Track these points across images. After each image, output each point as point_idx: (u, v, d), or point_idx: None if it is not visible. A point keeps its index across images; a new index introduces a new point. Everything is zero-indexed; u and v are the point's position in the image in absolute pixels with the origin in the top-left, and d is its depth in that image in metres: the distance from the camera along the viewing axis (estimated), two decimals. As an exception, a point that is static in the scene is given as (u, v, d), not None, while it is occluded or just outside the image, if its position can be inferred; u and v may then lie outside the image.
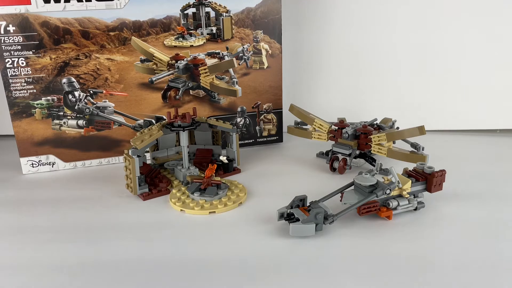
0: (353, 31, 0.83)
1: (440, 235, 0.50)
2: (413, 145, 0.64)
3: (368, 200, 0.51)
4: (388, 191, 0.50)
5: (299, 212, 0.49)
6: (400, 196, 0.52)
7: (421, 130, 0.61)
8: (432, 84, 0.84)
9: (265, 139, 0.79)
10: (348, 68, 0.86)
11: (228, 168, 0.67)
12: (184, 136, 0.62)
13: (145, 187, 0.60)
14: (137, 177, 0.58)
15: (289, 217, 0.50)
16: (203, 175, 0.59)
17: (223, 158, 0.66)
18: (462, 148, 0.77)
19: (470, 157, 0.73)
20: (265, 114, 0.78)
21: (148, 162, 0.67)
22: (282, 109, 0.78)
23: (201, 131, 0.68)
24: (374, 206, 0.51)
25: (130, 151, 0.57)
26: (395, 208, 0.52)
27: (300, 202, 0.51)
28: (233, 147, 0.68)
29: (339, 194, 0.54)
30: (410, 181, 0.52)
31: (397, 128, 0.74)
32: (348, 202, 0.52)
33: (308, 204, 0.51)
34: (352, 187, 0.54)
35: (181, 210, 0.56)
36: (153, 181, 0.62)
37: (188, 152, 0.65)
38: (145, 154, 0.64)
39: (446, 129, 0.85)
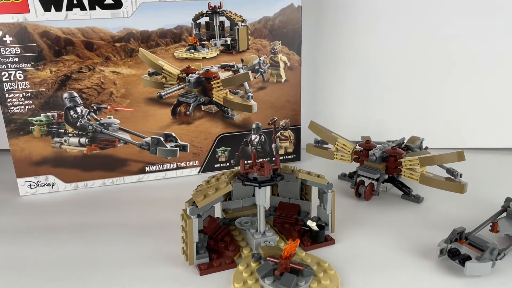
0: (377, 42, 0.80)
1: None
2: (449, 171, 0.58)
3: None
4: None
5: (463, 248, 0.46)
6: None
7: (460, 156, 0.56)
8: (461, 99, 0.80)
9: (282, 157, 0.76)
10: (371, 82, 0.82)
11: (318, 238, 0.51)
12: (260, 194, 0.48)
13: (205, 256, 0.47)
14: (194, 243, 0.46)
15: (452, 253, 0.46)
16: (281, 251, 0.43)
17: (311, 224, 0.50)
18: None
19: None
20: (281, 131, 0.74)
21: (217, 216, 0.54)
22: (300, 125, 0.76)
23: (287, 181, 0.53)
24: None
25: (188, 209, 0.46)
26: None
27: (458, 236, 0.47)
28: (327, 207, 0.51)
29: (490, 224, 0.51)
30: None
31: (426, 147, 0.71)
32: (509, 233, 0.50)
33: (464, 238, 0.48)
34: (504, 215, 0.52)
35: None
36: (218, 245, 0.49)
37: (269, 207, 0.54)
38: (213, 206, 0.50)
39: (477, 147, 0.81)
